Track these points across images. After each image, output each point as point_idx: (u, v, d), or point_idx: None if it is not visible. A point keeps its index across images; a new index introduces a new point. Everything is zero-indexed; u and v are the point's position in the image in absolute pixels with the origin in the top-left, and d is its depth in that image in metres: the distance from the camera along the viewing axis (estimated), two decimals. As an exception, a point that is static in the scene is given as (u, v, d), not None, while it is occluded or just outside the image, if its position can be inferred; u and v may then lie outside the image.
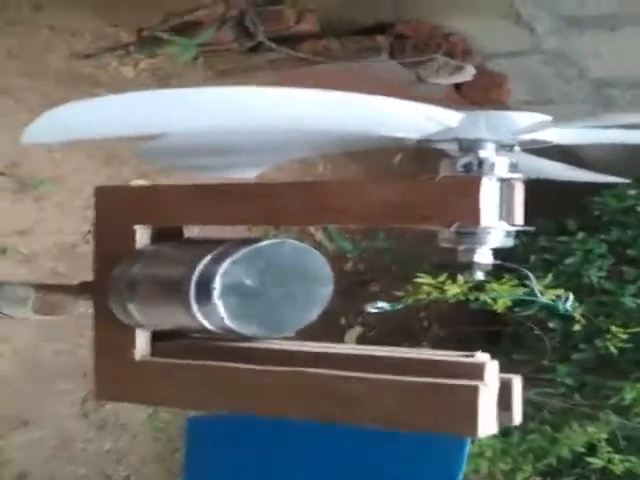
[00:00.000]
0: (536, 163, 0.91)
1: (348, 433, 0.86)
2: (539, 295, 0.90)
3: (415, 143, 0.82)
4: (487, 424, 0.76)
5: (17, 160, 1.84)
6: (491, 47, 2.09)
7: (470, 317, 2.38)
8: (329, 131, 0.76)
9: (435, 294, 1.95)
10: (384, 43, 2.00)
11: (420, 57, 1.94)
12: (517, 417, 0.80)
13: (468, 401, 0.75)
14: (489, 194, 0.76)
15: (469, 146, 0.80)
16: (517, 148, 0.82)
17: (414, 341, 2.38)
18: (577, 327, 2.01)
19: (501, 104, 2.19)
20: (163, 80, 2.10)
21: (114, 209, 0.93)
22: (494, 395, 0.78)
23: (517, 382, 0.80)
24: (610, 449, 2.07)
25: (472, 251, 0.80)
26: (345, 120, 0.73)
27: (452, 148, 0.81)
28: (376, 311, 0.88)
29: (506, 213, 0.79)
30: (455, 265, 0.85)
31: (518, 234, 0.82)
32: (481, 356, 0.81)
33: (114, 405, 2.04)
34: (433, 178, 0.78)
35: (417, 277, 1.93)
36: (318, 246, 2.33)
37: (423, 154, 0.85)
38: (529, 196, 0.83)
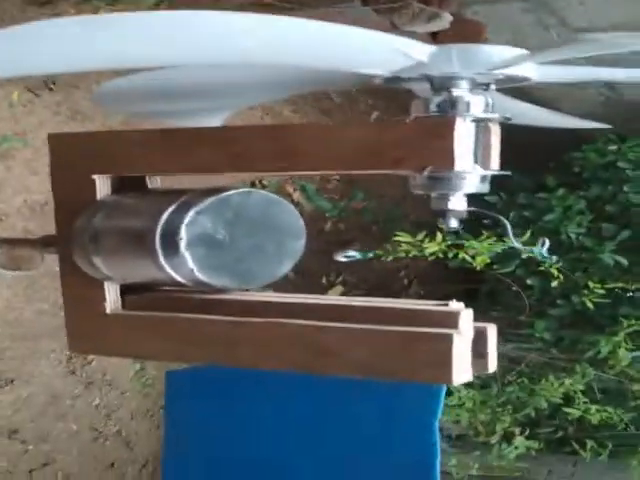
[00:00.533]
0: (516, 106, 0.86)
1: (325, 383, 0.86)
2: (514, 242, 0.88)
3: (384, 82, 0.77)
4: (462, 372, 0.76)
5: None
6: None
7: (448, 275, 2.40)
8: (293, 64, 0.72)
9: (414, 252, 1.95)
10: (357, -12, 1.94)
11: (395, 3, 1.87)
12: (492, 365, 0.80)
13: (443, 349, 0.74)
14: (463, 135, 0.72)
15: (441, 84, 0.75)
16: (493, 86, 0.77)
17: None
18: (555, 283, 2.03)
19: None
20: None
21: (70, 158, 0.88)
22: (469, 343, 0.77)
23: (492, 330, 0.80)
24: (586, 400, 2.11)
25: (446, 197, 0.77)
26: (310, 50, 0.68)
27: (424, 88, 0.77)
28: (346, 260, 0.86)
29: (482, 157, 0.75)
30: (434, 224, 0.84)
31: (497, 191, 0.78)
32: (455, 305, 0.81)
33: (100, 362, 2.05)
34: (404, 119, 0.74)
35: (396, 236, 1.93)
36: (296, 206, 2.31)
37: (400, 112, 0.81)
38: (509, 154, 0.79)
